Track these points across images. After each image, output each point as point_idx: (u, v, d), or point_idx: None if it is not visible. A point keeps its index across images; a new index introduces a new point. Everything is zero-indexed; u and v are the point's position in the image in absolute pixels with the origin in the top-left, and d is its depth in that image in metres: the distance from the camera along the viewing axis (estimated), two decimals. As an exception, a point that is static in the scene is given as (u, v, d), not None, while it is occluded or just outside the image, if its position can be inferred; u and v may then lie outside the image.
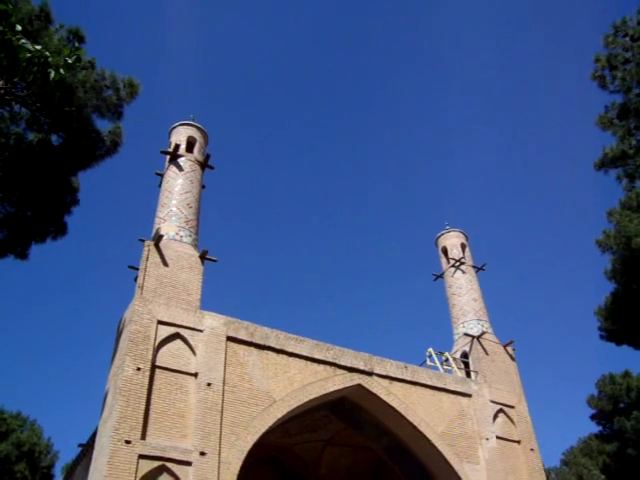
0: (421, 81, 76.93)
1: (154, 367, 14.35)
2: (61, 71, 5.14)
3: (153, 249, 16.22)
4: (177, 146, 19.20)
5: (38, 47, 5.05)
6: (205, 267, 16.91)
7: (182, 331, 15.24)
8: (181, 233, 17.29)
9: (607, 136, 19.08)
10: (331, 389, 16.70)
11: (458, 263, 22.85)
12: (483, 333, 20.81)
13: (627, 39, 18.34)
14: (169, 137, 20.04)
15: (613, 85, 18.48)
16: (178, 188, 18.34)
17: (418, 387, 18.21)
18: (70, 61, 5.26)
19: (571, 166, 73.37)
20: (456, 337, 21.70)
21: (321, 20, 75.44)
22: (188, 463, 13.43)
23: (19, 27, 5.04)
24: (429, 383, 18.45)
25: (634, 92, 18.09)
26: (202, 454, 13.65)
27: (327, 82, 78.13)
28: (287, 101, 79.40)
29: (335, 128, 78.58)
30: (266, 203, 76.93)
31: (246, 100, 78.59)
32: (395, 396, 17.60)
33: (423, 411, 17.77)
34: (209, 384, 14.67)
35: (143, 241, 16.40)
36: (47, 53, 5.07)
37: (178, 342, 15.12)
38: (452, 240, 23.84)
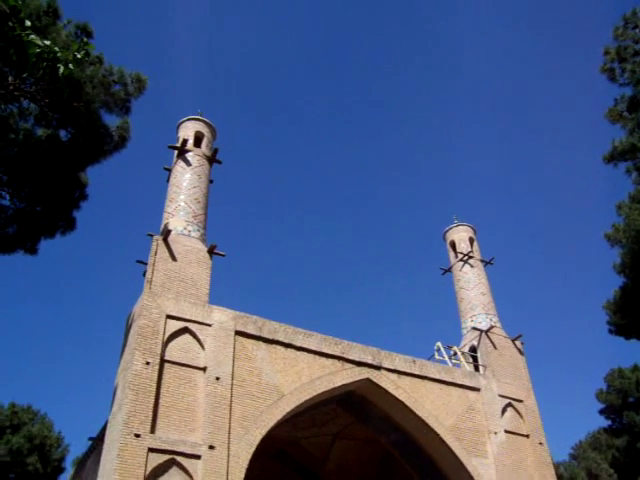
0: (429, 75, 76.64)
1: (163, 361, 14.41)
2: (70, 66, 5.15)
3: (161, 244, 16.27)
4: (185, 141, 19.22)
5: (47, 42, 5.06)
6: (213, 261, 16.94)
7: (191, 325, 15.29)
8: (189, 228, 17.33)
9: (616, 129, 18.98)
10: (339, 383, 16.72)
11: (466, 257, 22.79)
12: (491, 327, 20.76)
13: (637, 31, 18.21)
14: (177, 132, 20.07)
15: (622, 78, 18.36)
16: (186, 183, 18.37)
17: (426, 381, 18.20)
18: (79, 56, 5.26)
19: (580, 159, 73.03)
20: (464, 331, 21.67)
21: (329, 15, 75.25)
22: (197, 457, 13.49)
23: (28, 22, 5.05)
24: (437, 377, 18.44)
25: (644, 85, 17.95)
26: (211, 448, 13.70)
27: (336, 75, 78.00)
28: (295, 95, 79.35)
29: (343, 123, 78.47)
30: (274, 197, 77.03)
31: (254, 94, 78.61)
32: (403, 390, 17.61)
33: (431, 405, 17.76)
34: (218, 378, 14.71)
35: (151, 236, 16.44)
36: (56, 48, 5.07)
37: (187, 336, 15.17)
38: (460, 234, 23.77)
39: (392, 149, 77.27)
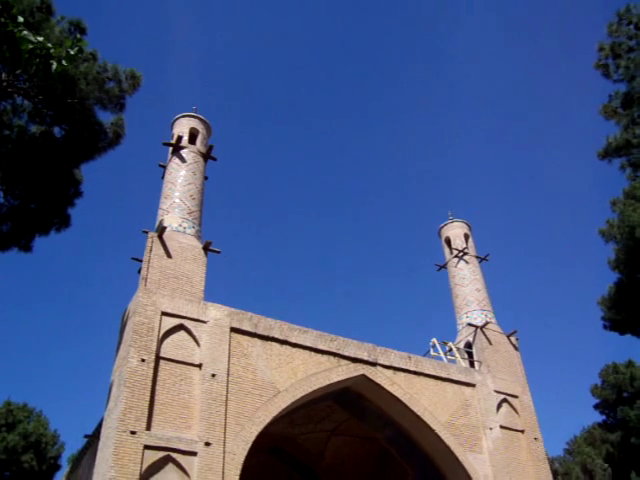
0: (424, 71, 76.64)
1: (158, 358, 14.39)
2: (63, 62, 5.13)
3: (156, 241, 16.24)
4: (180, 138, 19.17)
5: (40, 39, 5.03)
6: (209, 258, 16.92)
7: (186, 322, 15.27)
8: (184, 224, 17.30)
9: (611, 125, 19.05)
10: (335, 379, 16.73)
11: (461, 253, 22.83)
12: (487, 323, 20.82)
13: (631, 27, 18.25)
14: (172, 129, 20.02)
15: (617, 74, 18.41)
16: (181, 180, 18.34)
17: (422, 377, 18.23)
18: (72, 52, 5.24)
19: (574, 155, 73.18)
20: (460, 327, 21.72)
21: (326, 14, 75.11)
22: (193, 453, 13.48)
23: (21, 19, 5.02)
24: (433, 373, 18.47)
25: (638, 81, 18.00)
26: (207, 444, 13.70)
27: (333, 72, 77.89)
28: (290, 92, 79.22)
29: (337, 119, 78.41)
30: (269, 194, 76.96)
31: (249, 91, 78.45)
32: (399, 386, 17.64)
33: (427, 401, 17.80)
34: (213, 375, 14.71)
35: (146, 233, 16.40)
36: (49, 44, 5.05)
37: (182, 333, 15.16)
38: (455, 230, 23.82)
39: (388, 146, 77.30)
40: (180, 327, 15.19)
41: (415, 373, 18.19)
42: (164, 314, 15.06)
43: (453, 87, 74.76)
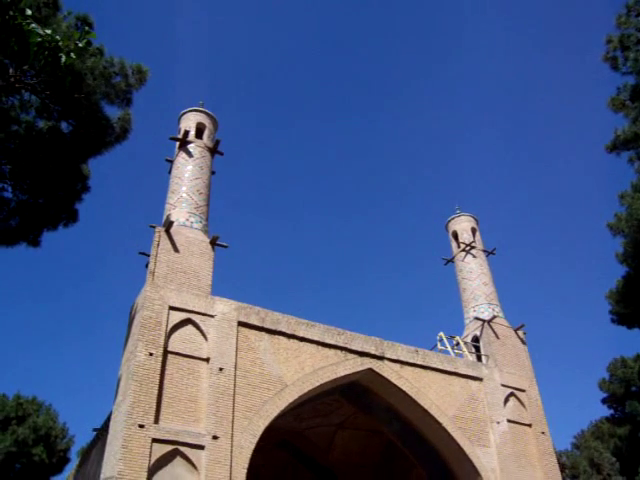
0: (432, 64, 76.35)
1: (166, 352, 14.45)
2: (72, 55, 5.13)
3: (164, 235, 16.28)
4: (186, 132, 19.18)
5: (48, 31, 5.04)
6: (216, 253, 16.96)
7: (193, 316, 15.32)
8: (191, 219, 17.33)
9: (619, 118, 18.92)
10: (342, 373, 16.75)
11: (468, 247, 22.77)
12: (494, 317, 20.77)
13: (640, 19, 18.10)
14: (178, 123, 20.03)
15: (625, 66, 18.27)
16: (188, 174, 18.36)
17: (429, 371, 18.23)
18: (81, 45, 5.24)
19: (582, 148, 72.80)
20: (467, 321, 21.68)
21: (337, 10, 74.88)
22: (201, 447, 13.54)
23: (29, 11, 5.03)
24: (440, 367, 18.46)
25: (647, 73, 17.87)
26: (215, 438, 13.75)
27: (338, 66, 77.72)
28: (299, 86, 79.10)
29: (346, 114, 78.25)
30: (276, 189, 76.97)
31: (256, 85, 78.39)
32: (406, 380, 17.64)
33: (434, 395, 17.80)
34: (221, 369, 14.75)
35: (154, 227, 16.44)
36: (57, 37, 5.05)
37: (190, 327, 15.21)
38: (462, 224, 23.75)
39: (395, 140, 77.11)
40: (188, 321, 15.24)
41: (422, 367, 18.18)
42: (172, 308, 15.11)
43: (460, 81, 74.47)
